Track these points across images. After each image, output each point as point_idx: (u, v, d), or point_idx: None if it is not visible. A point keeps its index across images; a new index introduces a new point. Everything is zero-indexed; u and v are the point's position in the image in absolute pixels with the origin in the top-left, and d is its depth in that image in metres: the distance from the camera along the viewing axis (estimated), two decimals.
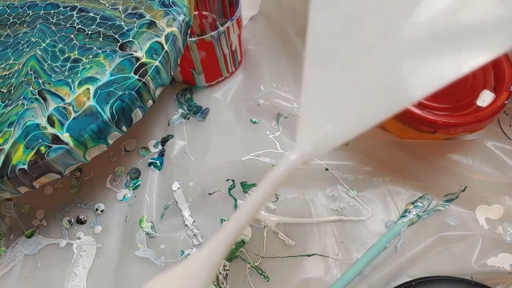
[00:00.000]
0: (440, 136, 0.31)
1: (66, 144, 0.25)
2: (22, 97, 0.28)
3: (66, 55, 0.30)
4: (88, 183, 0.34)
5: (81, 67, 0.28)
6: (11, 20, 0.35)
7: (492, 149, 0.30)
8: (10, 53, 0.32)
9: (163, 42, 0.28)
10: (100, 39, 0.30)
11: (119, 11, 0.31)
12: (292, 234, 0.29)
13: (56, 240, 0.31)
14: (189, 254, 0.29)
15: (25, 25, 0.33)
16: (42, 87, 0.28)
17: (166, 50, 0.28)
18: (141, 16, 0.30)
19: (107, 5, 0.32)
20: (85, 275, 0.29)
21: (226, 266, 0.29)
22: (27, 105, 0.27)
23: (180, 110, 0.37)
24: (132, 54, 0.28)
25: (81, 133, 0.25)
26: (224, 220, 0.30)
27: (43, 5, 0.34)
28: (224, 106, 0.36)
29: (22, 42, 0.32)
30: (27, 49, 0.31)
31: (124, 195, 0.32)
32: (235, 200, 0.31)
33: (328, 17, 0.18)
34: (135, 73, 0.27)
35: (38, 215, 0.32)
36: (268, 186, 0.16)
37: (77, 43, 0.30)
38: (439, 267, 0.27)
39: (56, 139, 0.25)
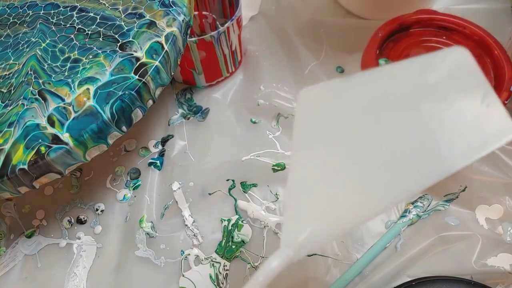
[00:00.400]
0: None
1: (66, 144, 0.25)
2: (22, 97, 0.28)
3: (66, 55, 0.30)
4: (88, 183, 0.34)
5: (81, 67, 0.28)
6: (11, 20, 0.35)
7: None
8: (10, 53, 0.32)
9: (163, 42, 0.28)
10: (100, 39, 0.30)
11: (119, 11, 0.31)
12: None
13: (56, 240, 0.31)
14: (189, 254, 0.29)
15: (25, 25, 0.33)
16: (42, 87, 0.28)
17: (166, 50, 0.28)
18: (141, 16, 0.30)
19: (107, 5, 0.32)
20: (85, 275, 0.29)
21: (226, 266, 0.29)
22: (27, 105, 0.27)
23: (180, 110, 0.37)
24: (132, 54, 0.28)
25: (81, 133, 0.25)
26: (224, 220, 0.30)
27: (43, 5, 0.34)
28: (224, 106, 0.36)
29: (22, 42, 0.32)
30: (27, 49, 0.31)
31: (124, 195, 0.32)
32: (235, 200, 0.31)
33: (311, 128, 0.19)
34: (135, 73, 0.27)
35: (38, 215, 0.32)
36: None
37: (77, 43, 0.30)
38: (439, 267, 0.27)
39: (56, 139, 0.25)
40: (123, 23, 0.30)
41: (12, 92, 0.29)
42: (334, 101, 0.19)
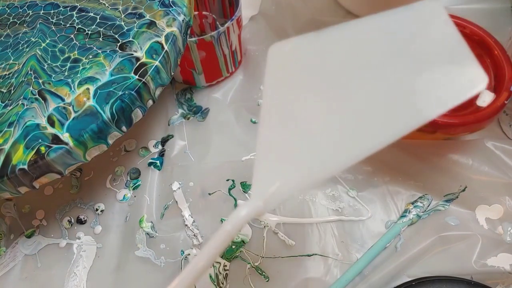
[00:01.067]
0: (440, 136, 0.31)
1: (66, 144, 0.25)
2: (22, 97, 0.28)
3: (66, 55, 0.30)
4: (88, 183, 0.34)
5: (81, 67, 0.28)
6: (11, 20, 0.35)
7: (492, 149, 0.30)
8: (10, 53, 0.32)
9: (163, 42, 0.28)
10: (100, 39, 0.30)
11: (119, 11, 0.31)
12: (292, 234, 0.29)
13: (56, 240, 0.31)
14: (189, 254, 0.29)
15: (25, 25, 0.33)
16: (42, 87, 0.28)
17: (166, 50, 0.28)
18: (141, 16, 0.30)
19: (107, 5, 0.32)
20: (85, 275, 0.29)
21: (226, 266, 0.29)
22: (27, 105, 0.27)
23: (180, 110, 0.37)
24: (132, 54, 0.28)
25: (81, 133, 0.25)
26: (224, 220, 0.30)
27: (43, 5, 0.34)
28: (224, 106, 0.36)
29: (22, 42, 0.32)
30: (27, 49, 0.31)
31: (124, 195, 0.32)
32: (235, 200, 0.31)
33: (282, 80, 0.19)
34: (135, 73, 0.27)
35: (38, 215, 0.32)
36: (216, 245, 0.16)
37: (77, 43, 0.30)
38: (439, 267, 0.27)
39: (56, 139, 0.25)
40: (123, 23, 0.30)
41: (12, 92, 0.29)
42: (307, 54, 0.19)
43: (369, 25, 0.19)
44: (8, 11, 0.36)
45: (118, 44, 0.29)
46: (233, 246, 0.29)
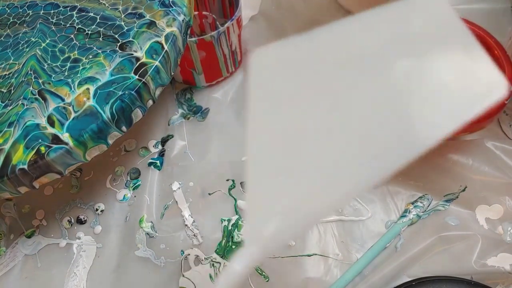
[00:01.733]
0: None
1: (66, 144, 0.25)
2: (22, 97, 0.28)
3: (66, 55, 0.30)
4: (88, 183, 0.34)
5: (81, 67, 0.28)
6: (11, 20, 0.35)
7: (492, 149, 0.30)
8: (10, 53, 0.32)
9: (163, 42, 0.28)
10: (100, 39, 0.30)
11: (119, 11, 0.31)
12: None
13: (56, 240, 0.31)
14: (189, 254, 0.29)
15: (25, 25, 0.33)
16: (42, 87, 0.28)
17: (166, 50, 0.28)
18: (141, 16, 0.30)
19: (107, 5, 0.32)
20: (85, 275, 0.29)
21: (226, 266, 0.29)
22: (27, 105, 0.27)
23: (180, 110, 0.37)
24: (132, 54, 0.28)
25: (81, 133, 0.25)
26: (224, 220, 0.30)
27: (43, 5, 0.34)
28: (224, 106, 0.36)
29: (22, 42, 0.32)
30: (27, 49, 0.31)
31: (124, 195, 0.32)
32: (235, 200, 0.31)
33: (268, 111, 0.16)
34: (135, 73, 0.27)
35: (38, 215, 0.32)
36: None
37: (77, 43, 0.30)
38: (439, 267, 0.27)
39: (56, 139, 0.25)
40: (123, 23, 0.30)
41: (12, 92, 0.29)
42: (295, 62, 0.16)
43: (365, 23, 0.16)
44: (8, 11, 0.36)
45: (118, 44, 0.29)
46: (233, 246, 0.29)
